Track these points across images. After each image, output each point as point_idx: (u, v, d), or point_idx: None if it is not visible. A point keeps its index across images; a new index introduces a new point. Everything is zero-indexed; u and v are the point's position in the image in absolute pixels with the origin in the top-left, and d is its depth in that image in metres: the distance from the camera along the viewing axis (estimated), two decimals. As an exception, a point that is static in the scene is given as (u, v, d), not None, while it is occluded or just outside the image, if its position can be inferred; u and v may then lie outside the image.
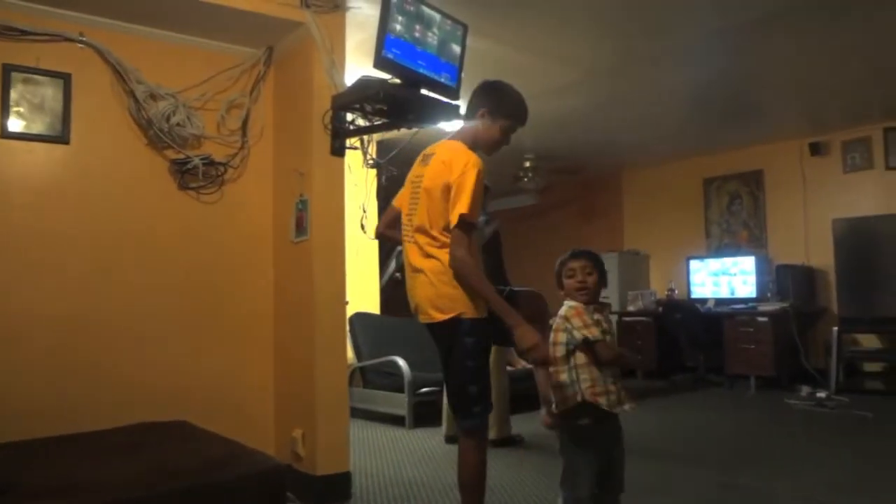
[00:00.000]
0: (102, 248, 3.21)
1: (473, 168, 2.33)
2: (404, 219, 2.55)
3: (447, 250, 2.32)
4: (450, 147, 2.48)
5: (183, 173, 3.36)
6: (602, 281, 2.34)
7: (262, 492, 2.25)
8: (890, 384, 6.13)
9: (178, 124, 3.28)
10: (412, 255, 2.46)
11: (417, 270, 2.43)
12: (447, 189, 2.33)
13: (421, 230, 2.41)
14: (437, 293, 2.35)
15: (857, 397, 5.66)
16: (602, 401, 2.20)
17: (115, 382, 3.15)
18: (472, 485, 2.38)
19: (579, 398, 2.21)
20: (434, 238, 2.37)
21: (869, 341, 6.52)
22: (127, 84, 3.23)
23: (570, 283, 2.32)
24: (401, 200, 2.63)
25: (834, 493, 3.21)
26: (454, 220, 2.28)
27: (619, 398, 2.23)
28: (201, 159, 3.37)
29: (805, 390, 5.81)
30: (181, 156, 3.35)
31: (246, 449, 2.50)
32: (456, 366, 2.37)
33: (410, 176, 2.60)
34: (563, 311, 2.30)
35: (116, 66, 3.21)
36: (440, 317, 2.35)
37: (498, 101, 2.52)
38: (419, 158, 2.60)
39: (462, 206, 2.27)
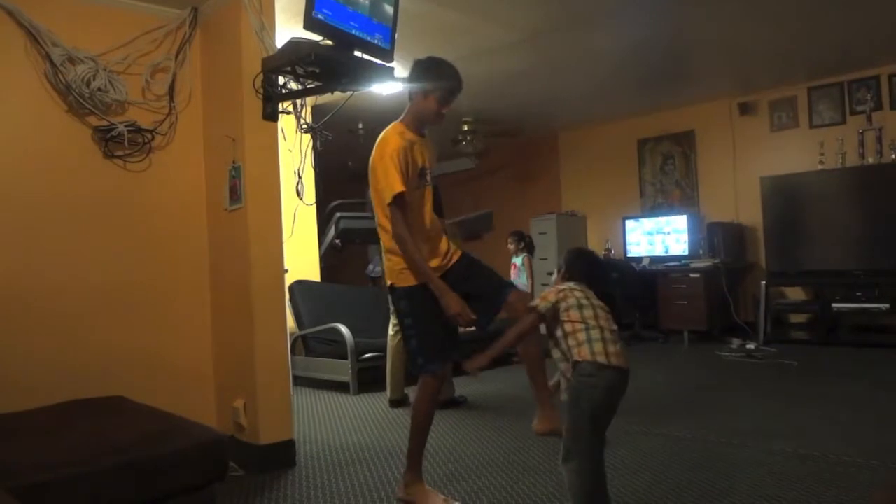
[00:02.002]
0: (24, 221, 3.07)
1: (383, 148, 2.58)
2: None
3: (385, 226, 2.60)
4: (384, 133, 2.69)
5: (107, 141, 3.23)
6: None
7: (203, 463, 2.23)
8: (814, 334, 6.44)
9: (99, 89, 3.14)
10: None
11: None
12: (374, 171, 2.59)
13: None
14: (386, 266, 2.70)
15: (783, 347, 5.94)
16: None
17: (45, 360, 3.05)
18: (414, 423, 2.74)
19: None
20: (379, 216, 2.63)
21: (795, 294, 6.82)
22: (42, 47, 3.06)
23: None
24: None
25: (761, 437, 3.37)
26: (386, 198, 2.51)
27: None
28: (126, 126, 3.24)
29: (735, 342, 6.06)
30: (104, 122, 3.21)
31: (185, 421, 2.46)
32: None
33: None
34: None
35: (30, 27, 3.04)
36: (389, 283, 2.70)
37: (423, 75, 2.73)
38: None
39: (387, 184, 2.51)
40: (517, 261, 6.47)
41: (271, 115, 3.29)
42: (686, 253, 7.21)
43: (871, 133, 6.16)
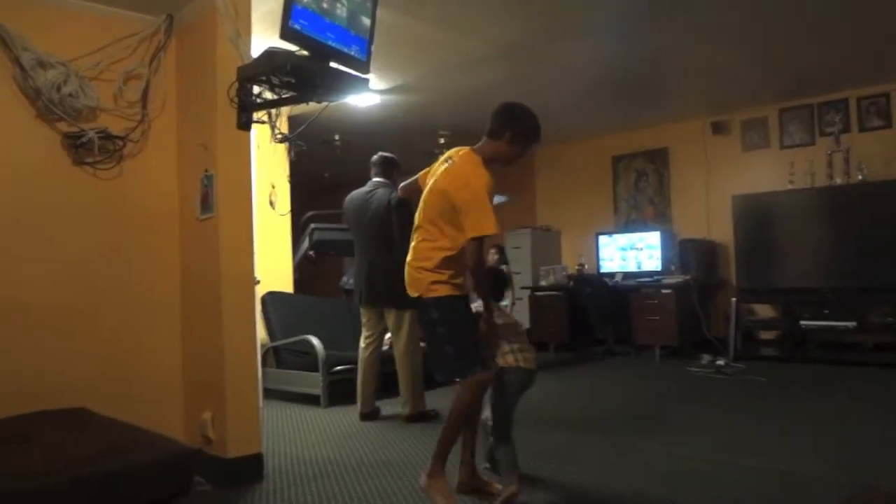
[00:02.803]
0: (-11, 227, 3.01)
1: (483, 179, 2.71)
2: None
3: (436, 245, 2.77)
4: (469, 159, 2.82)
5: (77, 147, 3.18)
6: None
7: (166, 477, 2.19)
8: (782, 350, 6.53)
9: (69, 95, 3.09)
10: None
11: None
12: (475, 196, 2.66)
13: (427, 222, 2.81)
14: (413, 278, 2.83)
15: (753, 363, 6.01)
16: None
17: (8, 370, 2.98)
18: (451, 418, 2.82)
19: None
20: (431, 233, 2.79)
21: (764, 311, 6.91)
22: (12, 51, 3.01)
23: None
24: (424, 181, 2.99)
25: (729, 452, 3.39)
26: (480, 233, 2.65)
27: None
28: (97, 132, 3.19)
29: (706, 358, 6.11)
30: (75, 129, 3.16)
31: (148, 434, 2.42)
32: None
33: (433, 170, 2.95)
34: None
35: (-1, 30, 2.99)
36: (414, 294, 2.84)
37: (523, 125, 2.84)
38: (443, 158, 2.93)
39: (486, 221, 2.64)
40: (495, 273, 6.47)
41: (245, 125, 3.27)
42: (658, 269, 7.27)
43: (839, 154, 6.28)
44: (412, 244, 2.89)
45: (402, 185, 3.33)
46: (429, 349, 3.05)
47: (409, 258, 2.88)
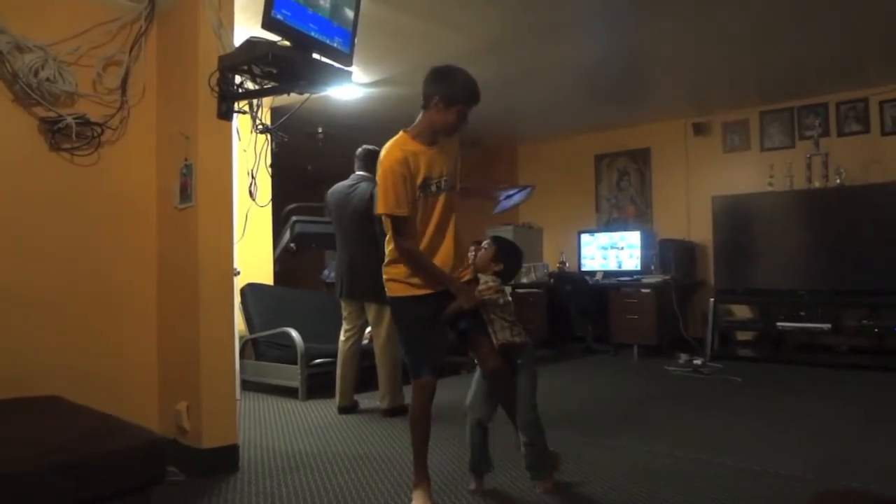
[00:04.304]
0: (-39, 211, 2.96)
1: (381, 162, 2.64)
2: None
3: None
4: (392, 140, 2.72)
5: (54, 133, 3.13)
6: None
7: (139, 466, 2.16)
8: (759, 351, 6.60)
9: (47, 79, 3.04)
10: None
11: None
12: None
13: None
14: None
15: (729, 363, 6.06)
16: None
17: (-21, 357, 2.94)
18: (410, 426, 2.79)
19: None
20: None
21: (742, 311, 6.98)
22: (-12, 34, 2.96)
23: None
24: None
25: (704, 450, 3.43)
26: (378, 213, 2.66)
27: None
28: (75, 118, 3.14)
29: (683, 357, 6.16)
30: (52, 114, 3.12)
31: (121, 422, 2.39)
32: None
33: None
34: None
35: (-25, 13, 2.94)
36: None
37: (448, 86, 2.65)
38: None
39: (380, 202, 2.60)
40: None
41: (226, 114, 3.24)
42: (638, 268, 7.32)
43: (818, 158, 6.35)
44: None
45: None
46: None
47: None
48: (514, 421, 2.86)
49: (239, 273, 4.20)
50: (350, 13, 3.10)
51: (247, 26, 3.43)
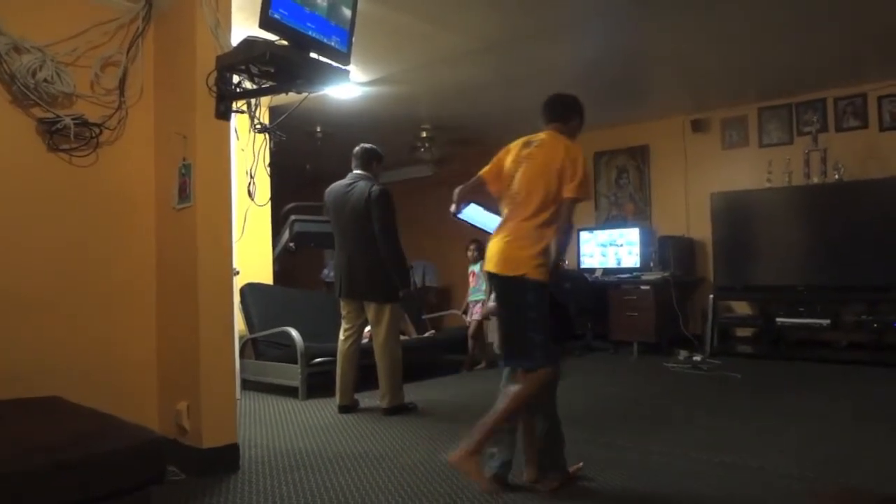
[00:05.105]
0: (-40, 213, 2.96)
1: (580, 152, 2.92)
2: (506, 191, 3.03)
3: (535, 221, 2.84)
4: (559, 138, 3.03)
5: (52, 134, 3.13)
6: None
7: (138, 465, 2.17)
8: (758, 347, 6.61)
9: (45, 80, 3.04)
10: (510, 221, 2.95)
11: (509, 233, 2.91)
12: (578, 164, 2.85)
13: (528, 201, 2.89)
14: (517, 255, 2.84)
15: (729, 360, 6.07)
16: None
17: (-22, 357, 2.94)
18: (510, 406, 2.75)
19: None
20: (545, 203, 2.85)
21: (741, 308, 6.99)
22: (-14, 35, 2.97)
23: None
24: (493, 175, 3.15)
25: (703, 447, 3.43)
26: (584, 197, 2.89)
27: None
28: (73, 119, 3.15)
29: (682, 354, 6.17)
30: (50, 115, 3.12)
31: (121, 422, 2.40)
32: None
33: (516, 157, 3.07)
34: None
35: (-27, 14, 2.94)
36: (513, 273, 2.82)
37: (580, 112, 3.22)
38: (520, 143, 3.12)
39: (588, 187, 2.91)
40: (476, 268, 6.50)
41: (224, 114, 3.25)
42: (638, 265, 7.32)
43: (816, 154, 6.35)
44: (508, 222, 2.94)
45: (463, 188, 3.27)
46: (507, 332, 2.97)
47: (503, 235, 2.91)
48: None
49: (238, 273, 4.21)
50: (347, 12, 3.10)
51: (244, 26, 3.44)
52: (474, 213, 3.38)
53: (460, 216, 3.34)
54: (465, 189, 3.21)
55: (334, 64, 3.09)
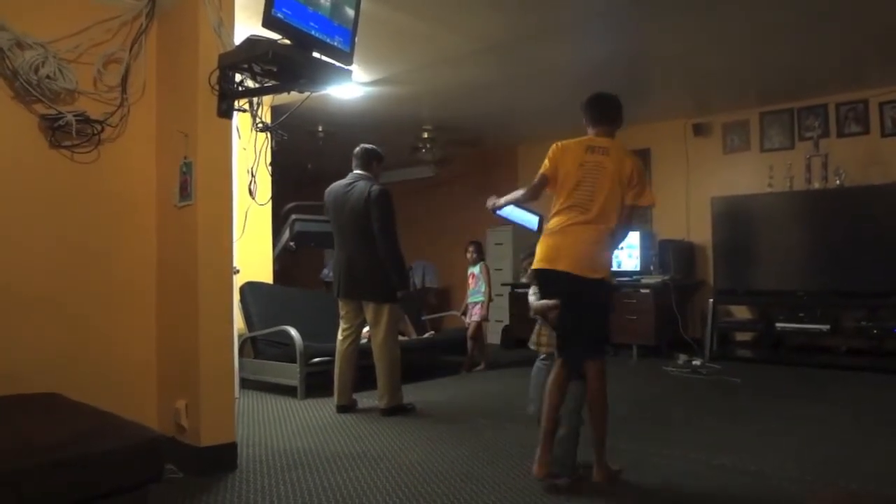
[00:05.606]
0: (-40, 209, 2.96)
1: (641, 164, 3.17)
2: (574, 196, 3.07)
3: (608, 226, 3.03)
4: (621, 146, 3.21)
5: (54, 130, 3.13)
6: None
7: (137, 463, 2.17)
8: (758, 352, 6.60)
9: (47, 77, 3.04)
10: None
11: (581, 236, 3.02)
12: (630, 179, 3.03)
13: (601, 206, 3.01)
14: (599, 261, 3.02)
15: (728, 364, 6.07)
16: None
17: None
18: (600, 409, 3.06)
19: None
20: (618, 211, 3.04)
21: (741, 312, 6.98)
22: (-12, 31, 2.96)
23: None
24: (552, 175, 3.21)
25: (701, 450, 3.43)
26: (650, 204, 3.18)
27: None
28: (75, 116, 3.14)
29: (682, 358, 6.17)
30: (52, 111, 3.12)
31: (120, 420, 2.40)
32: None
33: (580, 161, 3.12)
34: None
35: (-24, 10, 2.94)
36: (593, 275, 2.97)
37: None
38: (584, 148, 3.18)
39: (652, 194, 3.18)
40: (475, 270, 6.50)
41: (226, 113, 3.24)
42: (638, 269, 7.32)
43: (817, 159, 6.35)
44: (575, 225, 3.02)
45: (527, 191, 3.37)
46: (574, 327, 3.05)
47: (576, 237, 3.01)
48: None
49: (238, 271, 4.21)
50: (350, 12, 3.10)
51: (247, 25, 3.44)
52: (512, 211, 3.45)
53: (500, 213, 3.48)
54: (532, 189, 3.32)
55: (337, 64, 3.09)
